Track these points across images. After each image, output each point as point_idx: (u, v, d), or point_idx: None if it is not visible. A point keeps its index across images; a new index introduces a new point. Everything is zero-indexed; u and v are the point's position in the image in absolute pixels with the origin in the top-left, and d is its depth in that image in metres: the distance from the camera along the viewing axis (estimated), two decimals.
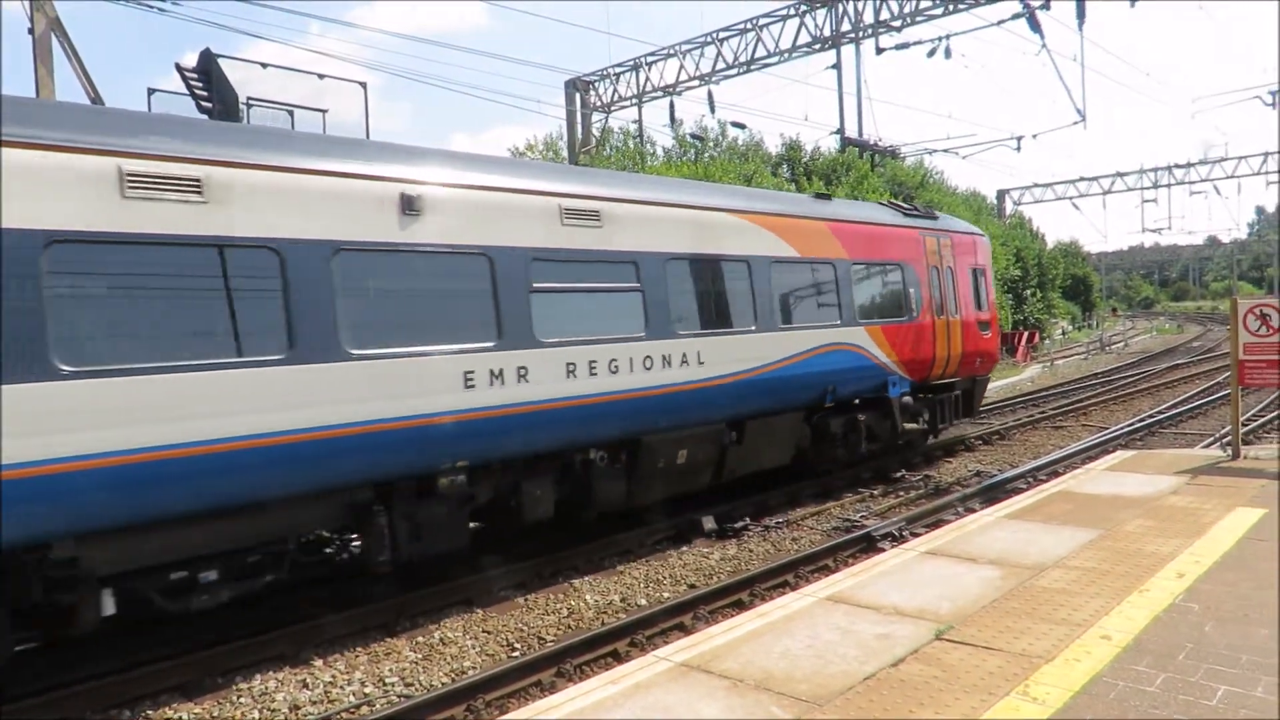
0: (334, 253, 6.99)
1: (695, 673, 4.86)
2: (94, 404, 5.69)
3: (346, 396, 6.90)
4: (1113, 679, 4.47)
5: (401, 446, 7.30)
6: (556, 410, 8.45)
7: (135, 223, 6.01)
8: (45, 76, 13.66)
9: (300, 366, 6.68)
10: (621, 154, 32.39)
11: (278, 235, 6.68)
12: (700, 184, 12.43)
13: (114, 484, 5.76)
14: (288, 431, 6.57)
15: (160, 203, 6.13)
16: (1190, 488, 9.09)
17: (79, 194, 5.78)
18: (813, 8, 21.73)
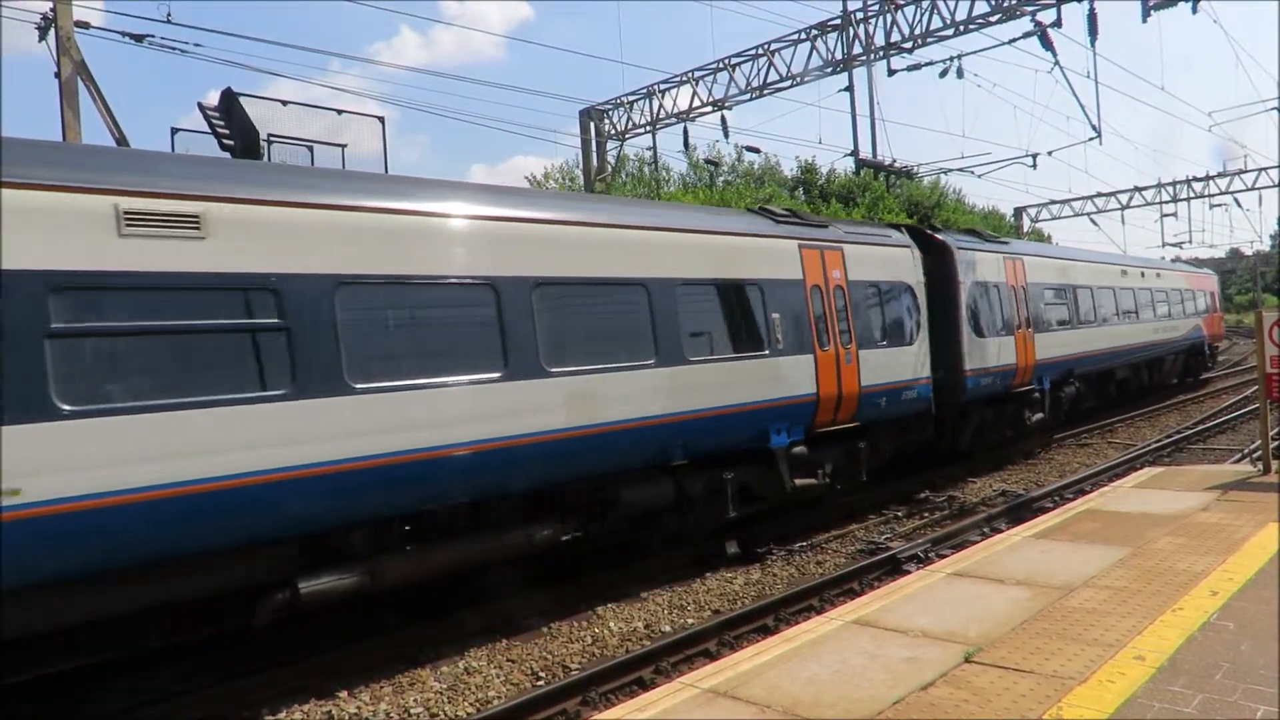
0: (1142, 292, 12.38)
1: (722, 699, 4.82)
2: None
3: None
4: (1148, 700, 4.39)
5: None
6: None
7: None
8: (71, 119, 13.96)
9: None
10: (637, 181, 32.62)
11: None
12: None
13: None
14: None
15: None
16: (1221, 504, 8.94)
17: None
18: (824, 32, 21.85)
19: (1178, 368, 27.62)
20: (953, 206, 41.31)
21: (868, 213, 32.11)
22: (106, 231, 5.92)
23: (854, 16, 21.23)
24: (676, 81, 25.21)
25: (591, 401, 8.60)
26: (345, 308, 6.92)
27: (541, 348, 8.19)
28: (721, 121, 24.41)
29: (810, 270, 11.48)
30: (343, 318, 6.89)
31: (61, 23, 13.85)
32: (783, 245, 11.26)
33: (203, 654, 7.48)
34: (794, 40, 22.47)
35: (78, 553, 5.63)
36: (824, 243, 11.91)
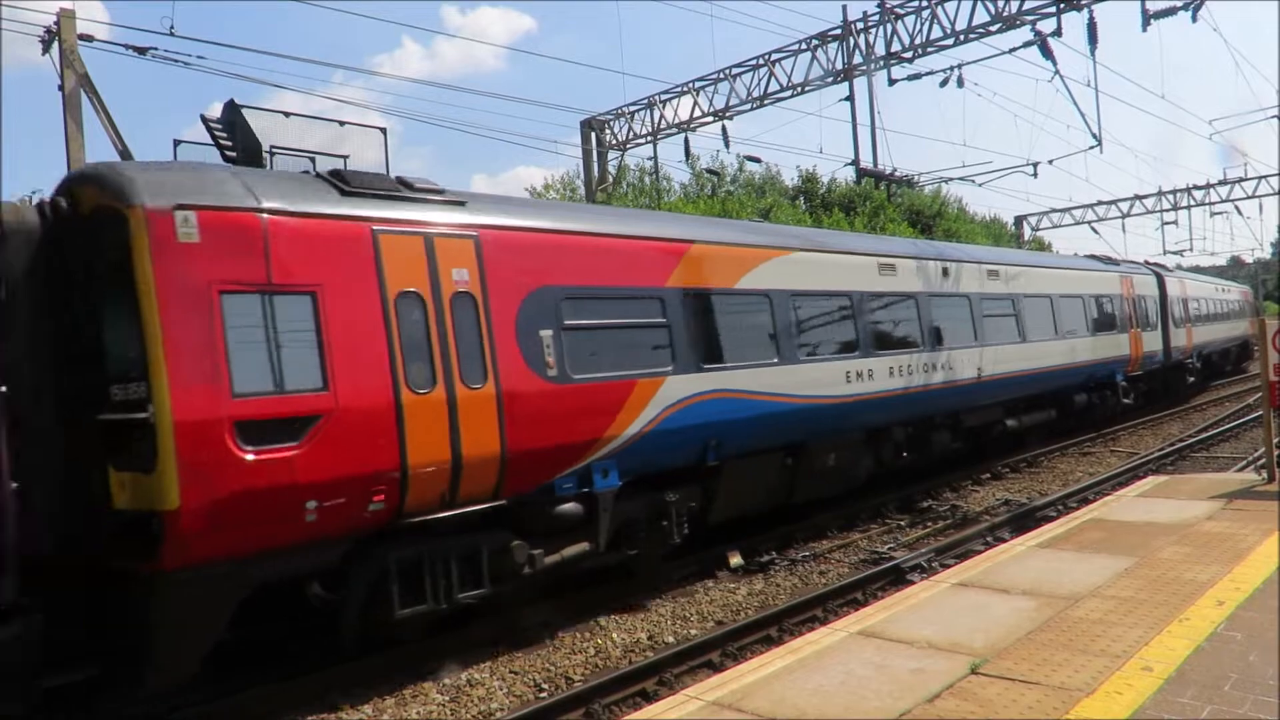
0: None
1: (727, 711, 4.79)
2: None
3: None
4: (1157, 712, 4.36)
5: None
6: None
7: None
8: (75, 131, 14.01)
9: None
10: (638, 191, 32.67)
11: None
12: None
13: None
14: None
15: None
16: (1226, 512, 8.91)
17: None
18: (824, 42, 21.91)
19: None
20: (954, 216, 41.35)
21: (869, 222, 32.13)
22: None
23: (854, 26, 21.30)
24: (677, 92, 25.29)
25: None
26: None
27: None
28: (722, 131, 24.50)
29: (1124, 288, 21.68)
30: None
31: (65, 36, 13.92)
32: (1109, 275, 21.41)
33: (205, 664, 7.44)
34: (795, 50, 22.54)
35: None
36: (1121, 273, 22.24)
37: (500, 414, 7.78)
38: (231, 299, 6.42)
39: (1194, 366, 26.57)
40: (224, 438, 6.19)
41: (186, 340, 6.16)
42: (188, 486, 6.01)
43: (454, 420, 7.45)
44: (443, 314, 7.58)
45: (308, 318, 6.77)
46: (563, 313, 8.51)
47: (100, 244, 6.38)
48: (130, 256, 6.14)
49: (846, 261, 12.72)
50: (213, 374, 6.23)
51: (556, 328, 8.41)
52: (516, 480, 7.99)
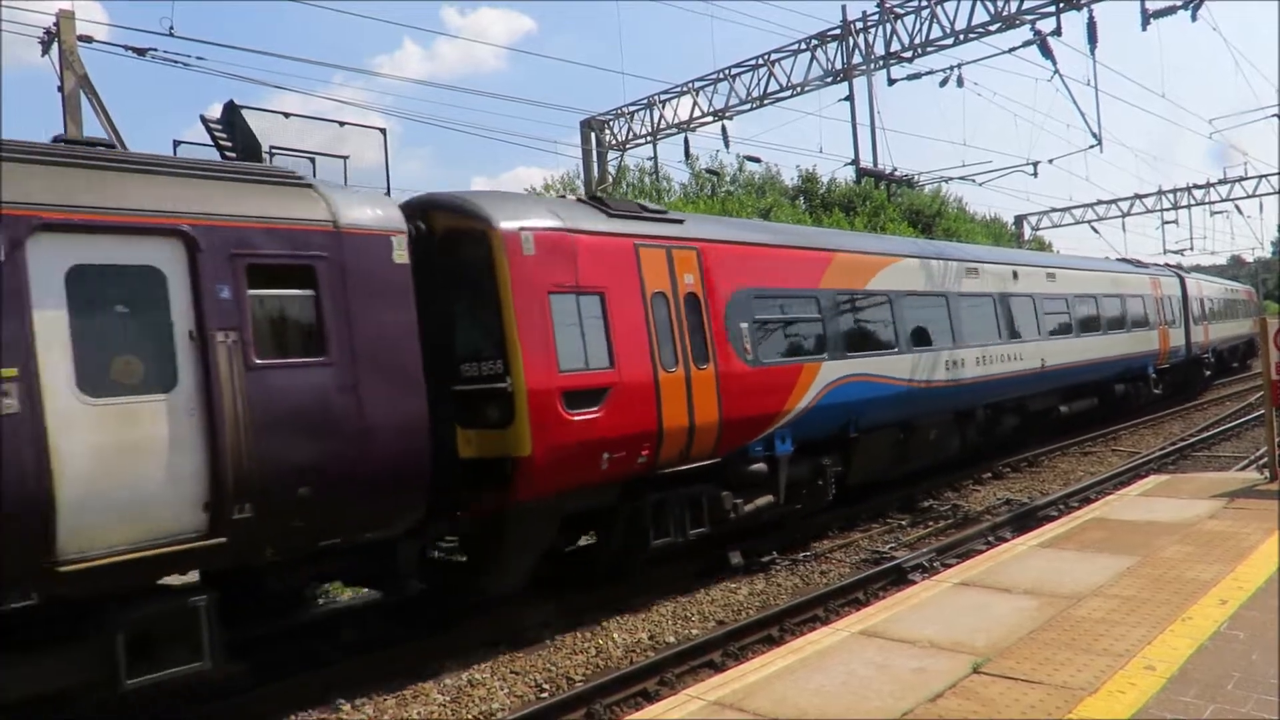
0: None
1: (728, 710, 4.78)
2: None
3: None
4: (1159, 711, 4.35)
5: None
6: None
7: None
8: (74, 132, 14.01)
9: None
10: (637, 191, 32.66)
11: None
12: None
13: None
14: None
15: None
16: (1228, 512, 8.90)
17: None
18: (824, 42, 21.91)
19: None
20: (954, 215, 41.32)
21: (869, 222, 32.11)
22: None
23: (854, 26, 21.30)
24: (677, 92, 25.29)
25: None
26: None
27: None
28: (722, 131, 24.51)
29: (1154, 289, 23.63)
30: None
31: (65, 37, 13.91)
32: (1141, 277, 23.51)
33: None
34: (794, 50, 22.54)
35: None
36: (1150, 274, 24.25)
37: (718, 389, 9.81)
38: (556, 298, 8.37)
39: (1209, 361, 28.80)
40: (556, 403, 8.17)
41: (531, 329, 8.09)
42: (536, 438, 7.97)
43: (689, 394, 9.48)
44: (679, 310, 9.61)
45: (600, 313, 8.77)
46: (753, 309, 10.57)
47: (461, 256, 8.18)
48: (492, 265, 8.05)
49: (941, 266, 14.84)
50: (548, 355, 8.19)
51: (750, 321, 10.48)
52: (727, 443, 10.00)
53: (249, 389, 6.28)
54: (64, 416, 5.54)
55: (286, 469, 6.41)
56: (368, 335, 7.01)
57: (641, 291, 9.19)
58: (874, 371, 12.32)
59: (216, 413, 6.12)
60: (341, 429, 6.73)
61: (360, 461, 6.81)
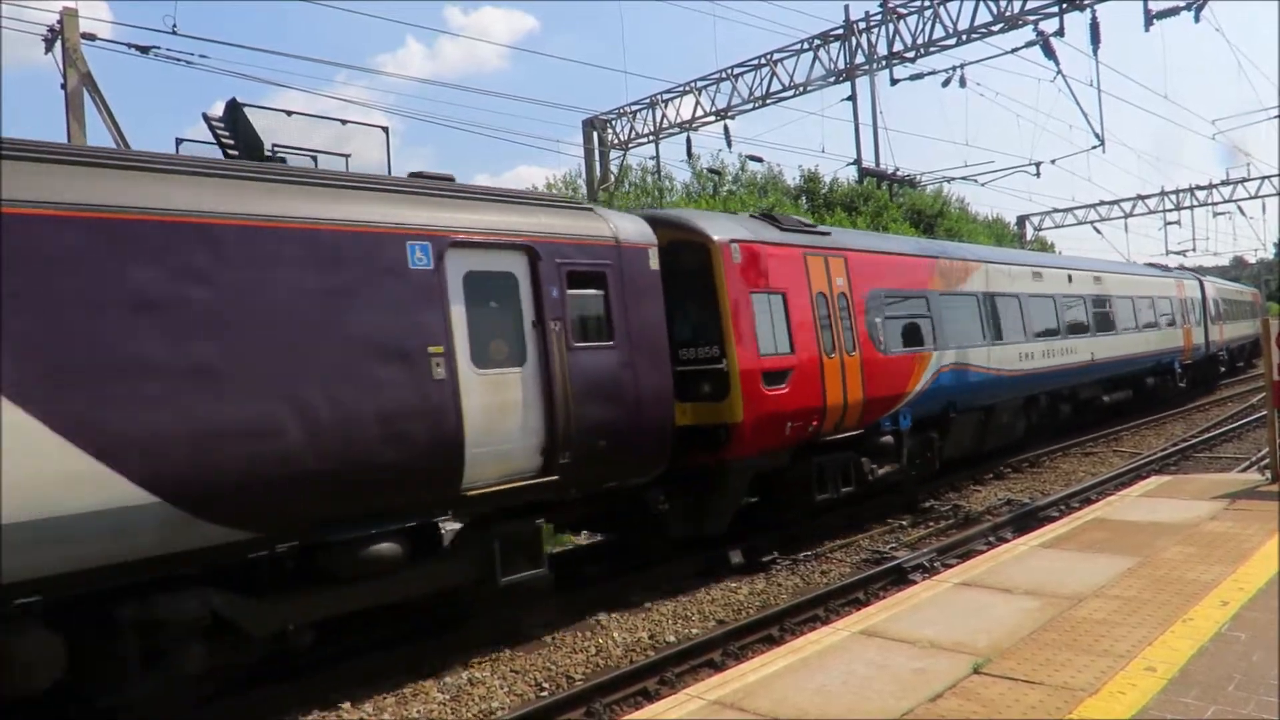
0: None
1: (728, 710, 4.77)
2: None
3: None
4: (1160, 712, 4.34)
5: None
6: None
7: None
8: (77, 130, 14.02)
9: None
10: (640, 190, 32.64)
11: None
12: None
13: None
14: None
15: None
16: (1229, 513, 8.88)
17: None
18: (826, 41, 21.90)
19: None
20: (956, 215, 41.29)
21: (871, 221, 32.09)
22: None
23: (856, 26, 21.29)
24: (679, 91, 25.29)
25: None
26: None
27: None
28: (724, 131, 24.53)
29: (1178, 291, 25.81)
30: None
31: (68, 35, 13.92)
32: (1168, 280, 25.88)
33: None
34: (796, 50, 22.53)
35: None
36: (1175, 278, 26.78)
37: (862, 373, 11.90)
38: (755, 296, 10.43)
39: (1223, 358, 31.55)
40: (758, 380, 10.16)
41: (740, 320, 10.08)
42: (746, 408, 9.91)
43: (843, 376, 11.56)
44: (834, 306, 11.71)
45: (783, 308, 10.83)
46: (883, 306, 12.73)
47: (683, 262, 9.97)
48: (710, 270, 10.03)
49: (1015, 270, 17.02)
50: (751, 341, 10.20)
51: (881, 316, 12.62)
52: (867, 417, 12.09)
53: (569, 365, 8.27)
54: (467, 383, 7.47)
55: (592, 426, 8.37)
56: (636, 325, 9.00)
57: (809, 291, 11.32)
58: (968, 361, 14.52)
59: (551, 383, 8.08)
60: (623, 397, 8.74)
61: (634, 422, 8.82)
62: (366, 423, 6.79)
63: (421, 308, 7.27)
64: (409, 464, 7.03)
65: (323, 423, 6.55)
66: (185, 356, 6.02)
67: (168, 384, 5.90)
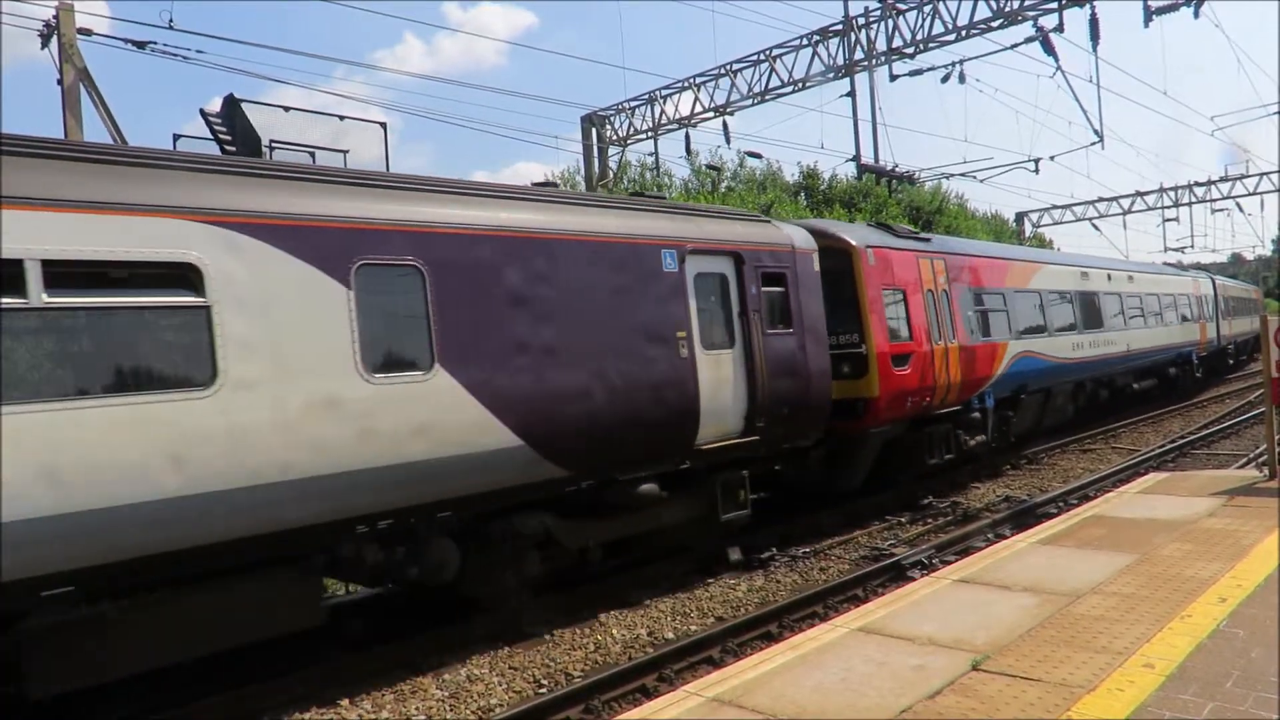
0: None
1: (727, 707, 4.77)
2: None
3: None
4: (1158, 709, 4.35)
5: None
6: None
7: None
8: (74, 126, 13.97)
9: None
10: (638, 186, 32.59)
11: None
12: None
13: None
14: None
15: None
16: (1227, 509, 8.89)
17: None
18: (826, 37, 21.86)
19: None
20: (955, 211, 41.27)
21: (870, 218, 32.07)
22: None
23: (856, 22, 21.23)
24: (678, 87, 25.23)
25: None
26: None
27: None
28: (723, 127, 24.46)
29: (1194, 289, 28.23)
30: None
31: (64, 30, 13.87)
32: (1186, 279, 28.07)
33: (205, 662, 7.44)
34: (796, 46, 22.48)
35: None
36: (1191, 277, 29.11)
37: (959, 358, 14.15)
38: (885, 292, 12.71)
39: (1232, 351, 34.27)
40: (889, 363, 12.37)
41: (875, 312, 12.29)
42: (881, 385, 12.17)
43: (946, 360, 13.80)
44: (939, 301, 14.01)
45: (903, 303, 13.07)
46: (971, 301, 15.06)
47: (830, 264, 11.99)
48: (853, 271, 12.32)
49: (1066, 271, 19.49)
50: (883, 330, 12.39)
51: (971, 310, 14.96)
52: (962, 396, 14.40)
53: (764, 348, 10.33)
54: (700, 360, 9.53)
55: (779, 397, 10.43)
56: (807, 316, 11.15)
57: (922, 289, 13.52)
58: (1035, 349, 16.71)
59: (752, 362, 10.16)
60: (799, 373, 10.84)
61: (806, 394, 10.95)
62: (642, 389, 8.85)
63: (672, 301, 9.36)
64: (666, 422, 9.12)
65: (616, 389, 8.60)
66: (539, 339, 8.03)
67: (530, 359, 7.92)
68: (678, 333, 9.31)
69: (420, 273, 7.28)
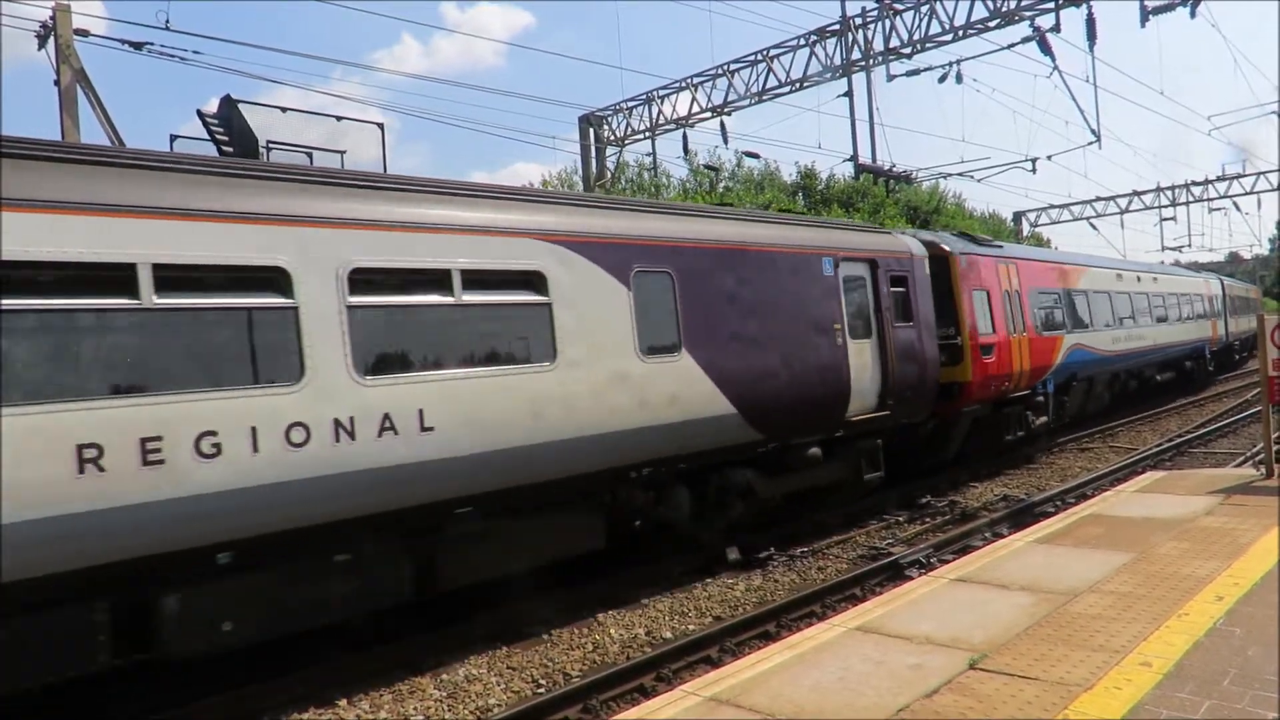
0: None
1: (724, 707, 4.78)
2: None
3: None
4: (1155, 707, 4.35)
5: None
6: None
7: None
8: (71, 126, 13.96)
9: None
10: (636, 187, 32.61)
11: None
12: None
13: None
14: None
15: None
16: (1224, 508, 8.90)
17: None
18: (823, 38, 21.86)
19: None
20: (952, 211, 41.30)
21: (868, 218, 32.10)
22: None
23: (853, 22, 21.24)
24: (676, 87, 25.22)
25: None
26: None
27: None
28: (721, 127, 24.45)
29: (1206, 289, 30.25)
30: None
31: (61, 31, 13.85)
32: (1199, 279, 30.54)
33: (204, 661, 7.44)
34: (793, 46, 22.48)
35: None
36: (1204, 278, 31.40)
37: (1028, 349, 16.27)
38: (974, 292, 14.87)
39: (1237, 347, 36.40)
40: (979, 352, 14.47)
41: (967, 309, 14.49)
42: (974, 371, 14.23)
43: (1019, 350, 15.91)
44: (1013, 300, 16.19)
45: (987, 301, 15.21)
46: (1037, 300, 17.24)
47: (934, 268, 13.98)
48: (951, 273, 14.47)
49: (1105, 273, 21.77)
50: (974, 324, 14.58)
51: (1037, 307, 17.15)
52: (1031, 382, 16.51)
53: (893, 339, 12.37)
54: (849, 348, 11.59)
55: (904, 381, 12.47)
56: (922, 312, 13.18)
57: (1000, 289, 15.69)
58: (1085, 342, 18.92)
59: (885, 350, 12.19)
60: (917, 360, 12.86)
61: (923, 377, 13.00)
62: (811, 371, 10.90)
63: (830, 299, 11.39)
64: (826, 398, 11.21)
65: (794, 370, 10.64)
66: (744, 329, 10.13)
67: (739, 345, 10.01)
68: (834, 325, 11.38)
69: (671, 277, 9.43)
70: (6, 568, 5.11)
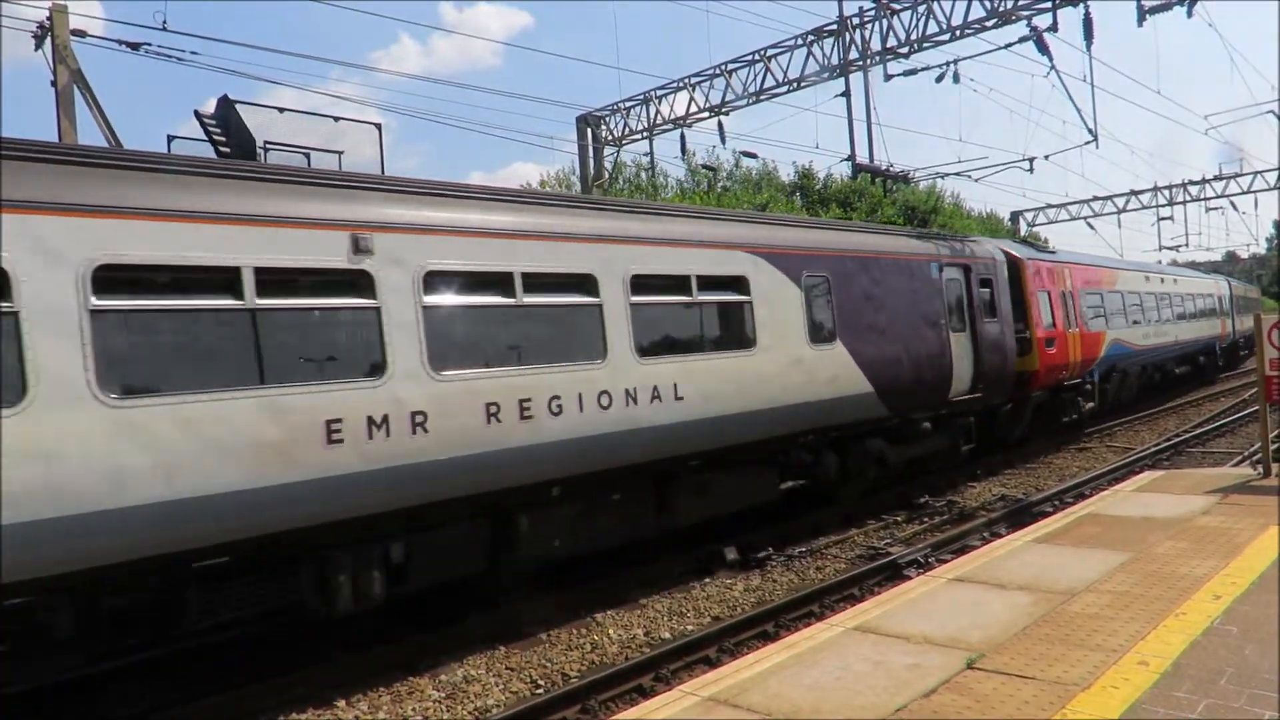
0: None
1: (722, 707, 4.78)
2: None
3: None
4: (1152, 705, 4.36)
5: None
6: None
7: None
8: (68, 127, 13.94)
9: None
10: (634, 187, 32.61)
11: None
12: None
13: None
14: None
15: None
16: (1222, 507, 8.92)
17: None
18: (820, 37, 21.85)
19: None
20: (950, 211, 41.33)
21: (866, 217, 32.12)
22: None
23: (850, 22, 21.23)
24: (674, 87, 25.20)
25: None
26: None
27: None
28: (718, 127, 24.40)
29: (1216, 289, 33.29)
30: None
31: (58, 31, 13.83)
32: (1209, 281, 34.03)
33: (204, 662, 7.44)
34: (791, 46, 22.47)
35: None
36: (1214, 279, 34.74)
37: (1081, 342, 18.55)
38: (1039, 294, 17.14)
39: (1242, 343, 38.29)
40: (1044, 344, 16.82)
41: (1035, 308, 16.80)
42: (1040, 361, 16.59)
43: (1074, 343, 18.13)
44: (1068, 299, 18.43)
45: (1048, 300, 17.44)
46: (1085, 299, 19.45)
47: (1011, 272, 16.41)
48: (1021, 277, 16.81)
49: (1136, 275, 24.31)
50: (1040, 320, 16.89)
51: (1086, 305, 19.36)
52: (1080, 372, 18.70)
53: (982, 332, 14.51)
54: (951, 339, 13.73)
55: (990, 368, 14.55)
56: (1003, 309, 15.43)
57: (1059, 290, 18.00)
58: (1122, 338, 21.40)
59: (976, 342, 14.39)
60: (1001, 350, 14.98)
61: (1004, 366, 15.14)
62: (923, 357, 12.99)
63: (935, 297, 13.57)
64: (935, 381, 13.33)
65: (911, 356, 12.70)
66: (878, 322, 12.26)
67: (874, 336, 12.09)
68: (940, 320, 13.54)
69: (828, 280, 11.53)
70: (444, 491, 7.25)
